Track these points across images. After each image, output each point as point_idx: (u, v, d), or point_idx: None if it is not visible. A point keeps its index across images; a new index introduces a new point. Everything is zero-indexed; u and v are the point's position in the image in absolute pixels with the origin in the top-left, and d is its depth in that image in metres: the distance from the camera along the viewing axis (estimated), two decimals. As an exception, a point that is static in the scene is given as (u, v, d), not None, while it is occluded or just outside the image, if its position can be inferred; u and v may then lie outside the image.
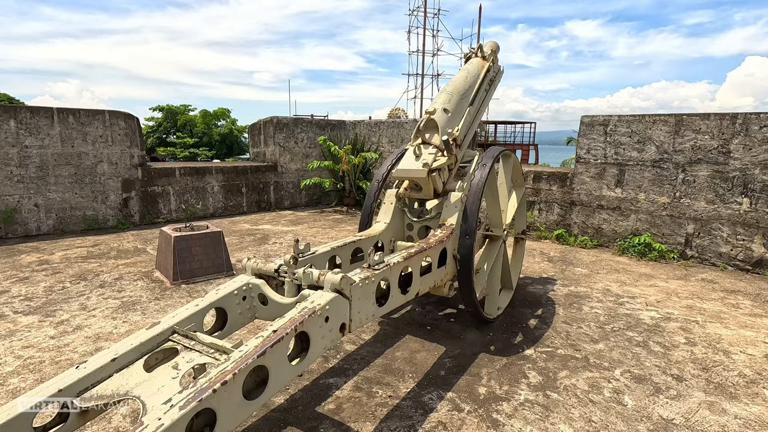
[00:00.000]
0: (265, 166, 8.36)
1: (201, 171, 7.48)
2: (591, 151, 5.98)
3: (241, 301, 2.11)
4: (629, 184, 5.70)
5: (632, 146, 5.62)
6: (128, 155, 6.70)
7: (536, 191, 6.62)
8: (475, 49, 4.14)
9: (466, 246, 2.87)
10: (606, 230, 5.98)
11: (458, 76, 3.75)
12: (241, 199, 8.05)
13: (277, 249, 5.60)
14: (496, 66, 4.27)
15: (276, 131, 8.44)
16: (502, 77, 4.39)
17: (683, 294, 4.23)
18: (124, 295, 3.89)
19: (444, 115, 3.28)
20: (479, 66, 3.93)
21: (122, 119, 6.59)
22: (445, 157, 3.08)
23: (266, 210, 8.41)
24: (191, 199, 7.42)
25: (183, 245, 4.22)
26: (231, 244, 5.77)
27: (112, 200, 6.62)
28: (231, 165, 7.85)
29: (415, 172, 3.04)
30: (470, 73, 3.80)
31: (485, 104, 3.97)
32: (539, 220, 6.62)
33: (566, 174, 6.29)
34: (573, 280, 4.61)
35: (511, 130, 46.40)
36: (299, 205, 8.94)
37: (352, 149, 8.79)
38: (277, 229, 6.86)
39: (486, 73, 3.98)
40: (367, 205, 3.41)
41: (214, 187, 7.66)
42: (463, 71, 3.81)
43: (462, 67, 3.99)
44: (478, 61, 3.99)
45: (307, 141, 8.88)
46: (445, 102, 3.39)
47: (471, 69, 3.84)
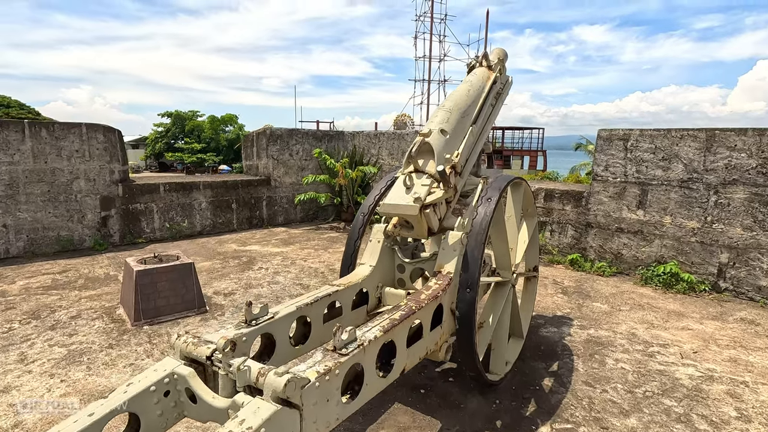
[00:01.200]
0: (257, 180, 7.88)
1: (187, 186, 7.01)
2: (609, 169, 5.40)
3: (162, 399, 1.57)
4: (653, 205, 5.12)
5: (656, 164, 5.04)
6: (107, 171, 6.25)
7: (548, 211, 6.05)
8: (480, 57, 3.61)
9: (467, 301, 2.32)
10: (626, 256, 5.38)
11: (459, 89, 3.21)
12: (230, 216, 7.57)
13: (260, 277, 5.08)
14: (504, 76, 3.73)
15: (269, 143, 7.96)
16: (510, 88, 3.86)
17: (723, 341, 3.63)
18: (75, 340, 3.39)
19: (441, 138, 2.74)
20: (484, 77, 3.40)
21: (101, 132, 6.15)
22: (441, 190, 2.54)
23: (258, 227, 7.92)
24: (177, 216, 6.95)
25: (147, 280, 3.72)
26: (212, 270, 5.27)
27: (90, 219, 6.16)
28: (220, 180, 7.37)
29: (404, 208, 2.51)
30: (473, 85, 3.26)
31: (491, 121, 3.44)
32: (551, 242, 6.04)
33: (581, 193, 5.72)
34: (592, 319, 4.03)
35: (519, 135, 45.74)
36: (294, 221, 8.44)
37: (350, 162, 8.28)
38: (266, 250, 6.35)
39: (492, 85, 3.45)
40: (350, 244, 2.88)
41: (202, 203, 7.19)
42: (465, 84, 3.28)
43: (464, 78, 3.46)
44: (483, 72, 3.45)
45: (303, 153, 8.40)
46: (443, 121, 2.85)
47: (474, 81, 3.31)
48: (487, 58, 3.57)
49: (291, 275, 5.16)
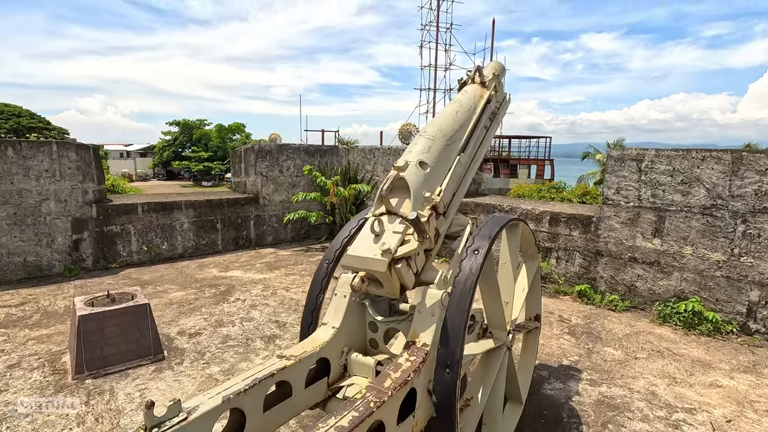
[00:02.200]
0: (244, 198, 7.45)
1: (168, 206, 6.60)
2: (621, 192, 4.89)
3: None
4: (671, 234, 4.58)
5: (674, 188, 4.52)
6: (80, 191, 5.85)
7: (553, 236, 5.52)
8: (472, 72, 3.15)
9: (447, 384, 1.83)
10: (641, 289, 4.84)
11: (445, 111, 2.74)
12: (215, 236, 7.14)
13: (234, 312, 4.61)
14: (501, 93, 3.26)
15: (258, 159, 7.55)
16: (508, 106, 3.39)
17: (761, 403, 3.08)
18: (1, 400, 2.93)
19: (419, 173, 2.26)
20: (476, 96, 2.93)
21: (73, 151, 5.77)
22: (417, 242, 2.06)
23: (245, 247, 7.48)
24: (156, 238, 6.53)
25: (92, 326, 3.27)
26: (183, 302, 4.82)
27: (60, 243, 5.76)
28: (204, 199, 6.95)
29: (370, 263, 2.03)
30: (462, 106, 2.79)
31: (485, 146, 2.96)
32: (557, 270, 5.51)
33: (590, 217, 5.19)
34: (604, 371, 3.50)
35: (526, 144, 45.22)
36: (283, 241, 7.98)
37: (343, 179, 7.84)
38: (247, 277, 5.89)
39: (486, 104, 2.98)
40: (312, 299, 2.39)
41: (184, 224, 6.77)
42: (452, 104, 2.81)
43: (454, 97, 2.99)
44: (475, 89, 2.98)
45: (294, 169, 7.97)
46: (423, 151, 2.38)
47: (464, 101, 2.84)
48: (480, 73, 3.10)
49: (269, 309, 4.69)
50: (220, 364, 3.48)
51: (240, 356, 3.62)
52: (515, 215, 5.75)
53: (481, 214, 6.26)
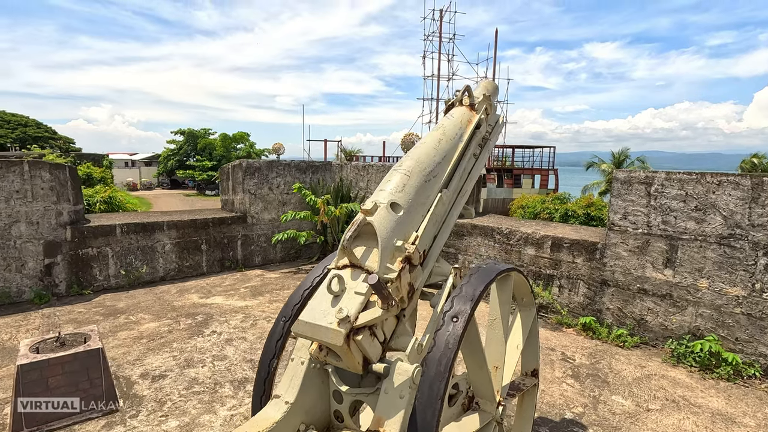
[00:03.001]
0: (231, 217, 7.12)
1: (149, 227, 6.27)
2: (629, 217, 4.50)
3: None
4: (684, 265, 4.18)
5: (688, 214, 4.13)
6: (54, 212, 5.54)
7: (555, 263, 5.13)
8: (460, 93, 2.81)
9: (415, 492, 1.46)
10: (652, 324, 4.43)
11: (426, 140, 2.39)
12: (200, 258, 6.80)
13: (208, 348, 4.25)
14: (493, 116, 2.92)
15: (246, 177, 7.23)
16: (501, 130, 3.04)
17: (795, 474, 2.66)
18: None
19: (390, 217, 1.90)
20: (463, 121, 2.59)
21: (46, 170, 5.47)
22: (381, 311, 1.69)
23: (231, 269, 7.13)
24: (136, 261, 6.20)
25: (35, 376, 2.91)
26: (155, 335, 4.46)
27: (31, 268, 5.43)
28: (188, 218, 6.63)
29: (323, 333, 1.66)
30: (447, 133, 2.44)
31: (473, 178, 2.60)
32: (560, 300, 5.11)
33: (595, 244, 4.80)
34: (612, 427, 3.09)
35: (530, 154, 44.91)
36: (273, 262, 7.63)
37: (335, 196, 7.50)
38: (228, 304, 5.53)
39: (475, 130, 2.63)
40: (264, 366, 2.03)
41: (166, 245, 6.43)
42: (436, 131, 2.46)
43: (438, 123, 2.65)
44: (463, 113, 2.64)
45: (284, 186, 7.64)
46: (397, 189, 2.02)
47: (449, 127, 2.49)
48: (470, 94, 2.76)
49: (245, 345, 4.32)
50: (180, 417, 3.10)
51: (204, 406, 3.25)
52: (514, 238, 5.37)
53: (478, 237, 5.89)
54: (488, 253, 5.80)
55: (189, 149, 67.28)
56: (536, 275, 5.33)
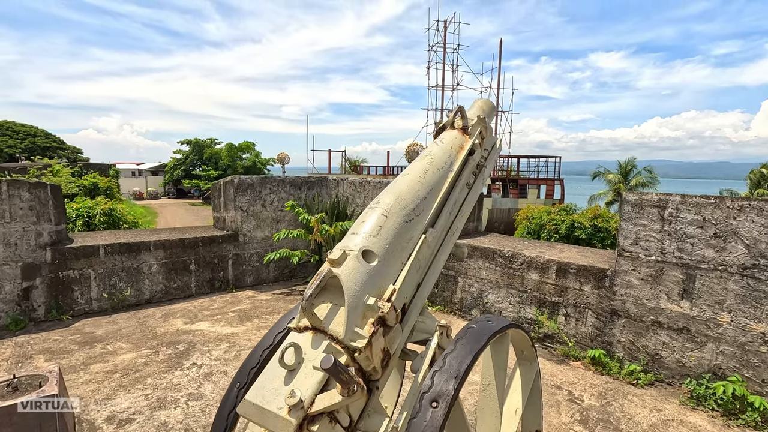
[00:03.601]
0: (222, 236, 6.85)
1: (135, 247, 6.01)
2: (640, 243, 4.16)
3: None
4: (703, 296, 3.82)
5: (706, 242, 3.78)
6: (33, 233, 5.30)
7: (561, 290, 4.79)
8: (451, 115, 2.52)
9: None
10: (667, 360, 4.06)
11: (411, 170, 2.09)
12: (188, 279, 6.51)
13: (185, 384, 3.93)
14: (490, 139, 2.62)
15: (238, 193, 6.97)
16: (498, 155, 2.74)
17: None
18: None
19: (360, 269, 1.59)
20: (454, 146, 2.29)
21: (26, 189, 5.24)
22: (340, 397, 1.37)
23: (221, 290, 6.83)
24: (120, 282, 5.92)
25: (-23, 429, 2.62)
26: (130, 368, 4.16)
27: (8, 292, 5.17)
28: (176, 238, 6.36)
29: (272, 420, 1.35)
30: (435, 162, 2.15)
31: (465, 210, 2.30)
32: (566, 330, 4.75)
33: (604, 271, 4.46)
34: (627, 490, 2.72)
35: (535, 163, 44.62)
36: (265, 282, 7.33)
37: (331, 213, 7.22)
38: (214, 331, 5.22)
39: (468, 156, 2.34)
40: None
41: (152, 266, 6.16)
42: (421, 160, 2.17)
43: (425, 149, 2.35)
44: (454, 138, 2.35)
45: (278, 203, 7.37)
46: (372, 233, 1.71)
47: (437, 155, 2.19)
48: (463, 115, 2.46)
49: (224, 381, 4.00)
50: (142, 473, 2.79)
51: (170, 459, 2.93)
52: (516, 262, 5.03)
53: (479, 260, 5.56)
54: (489, 277, 5.46)
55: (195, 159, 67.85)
56: (540, 302, 4.98)
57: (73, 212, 10.97)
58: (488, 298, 5.49)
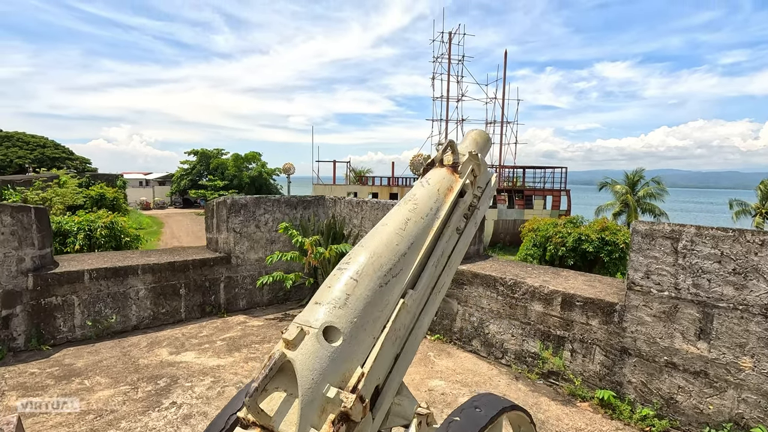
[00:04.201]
0: (213, 258, 6.62)
1: (122, 272, 5.79)
2: (652, 277, 3.86)
3: None
4: (722, 338, 3.51)
5: (724, 278, 3.47)
6: (15, 259, 5.10)
7: (567, 323, 4.48)
8: (441, 150, 2.27)
9: None
10: (684, 405, 3.72)
11: (391, 219, 1.84)
12: (177, 304, 6.27)
13: (160, 429, 3.66)
14: (484, 175, 2.37)
15: (230, 214, 6.76)
16: (493, 193, 2.48)
17: None
18: None
19: (320, 353, 1.33)
20: (442, 189, 2.04)
21: (7, 214, 5.05)
22: None
23: (212, 314, 6.58)
24: (106, 309, 5.70)
25: None
26: (105, 408, 3.90)
27: (-14, 320, 4.97)
28: (166, 261, 6.14)
29: None
30: (419, 209, 1.89)
31: (455, 259, 2.03)
32: (572, 367, 4.44)
33: (612, 305, 4.15)
34: None
35: (541, 174, 44.30)
36: (259, 305, 7.08)
37: (327, 234, 6.98)
38: (199, 363, 4.96)
39: (458, 198, 2.09)
40: None
41: (140, 291, 5.93)
42: (403, 207, 1.91)
43: (409, 192, 2.09)
44: (442, 179, 2.09)
45: (273, 224, 7.15)
46: (337, 303, 1.45)
47: (422, 200, 1.94)
48: (454, 151, 2.21)
49: (203, 424, 3.73)
50: None
51: None
52: (519, 291, 4.74)
53: (479, 288, 5.26)
54: (490, 306, 5.16)
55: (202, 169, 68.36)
56: (544, 335, 4.67)
57: (75, 225, 10.84)
58: (489, 329, 5.19)
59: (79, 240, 10.67)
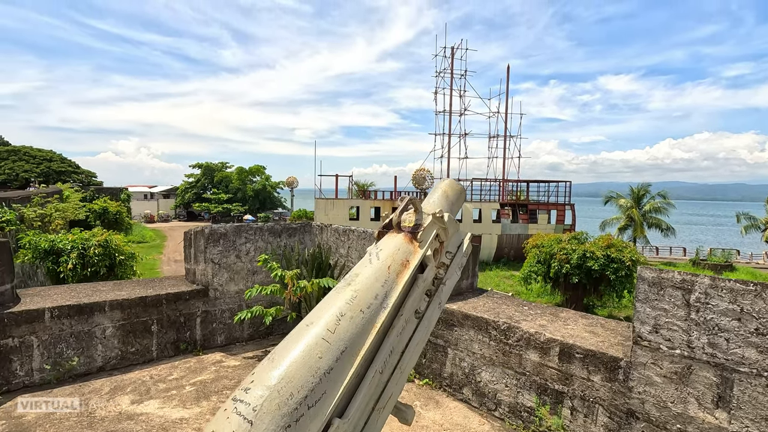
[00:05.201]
0: (189, 292, 6.22)
1: (87, 309, 5.39)
2: (661, 332, 3.40)
3: None
4: (744, 407, 3.03)
5: (745, 339, 3.01)
6: (-33, 299, 4.73)
7: (565, 377, 4.01)
8: (396, 210, 1.85)
9: None
10: (701, 483, 3.23)
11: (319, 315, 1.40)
12: (149, 341, 5.86)
13: (99, 506, 3.22)
14: (455, 237, 1.95)
15: (208, 244, 6.38)
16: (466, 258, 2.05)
17: None
18: None
19: None
20: (395, 262, 1.60)
21: (-41, 250, 4.70)
22: None
23: (187, 352, 6.15)
24: (68, 350, 5.29)
25: None
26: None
27: (-67, 367, 4.58)
28: (136, 296, 5.74)
29: None
30: (359, 298, 1.45)
31: (406, 366, 1.60)
32: (572, 428, 3.95)
33: (617, 360, 3.68)
34: None
35: (545, 188, 43.87)
36: (238, 340, 6.65)
37: (312, 265, 6.56)
38: (162, 415, 4.52)
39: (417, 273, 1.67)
40: None
41: (107, 329, 5.53)
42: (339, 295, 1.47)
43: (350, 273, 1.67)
44: (396, 250, 1.66)
45: (255, 253, 6.76)
46: None
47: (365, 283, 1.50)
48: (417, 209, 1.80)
49: (149, 501, 3.28)
50: None
51: None
52: (513, 337, 4.29)
53: (470, 330, 4.80)
54: (482, 352, 4.70)
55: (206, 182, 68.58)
56: (541, 388, 4.19)
57: (68, 244, 10.58)
58: (481, 377, 4.72)
59: (72, 259, 10.41)
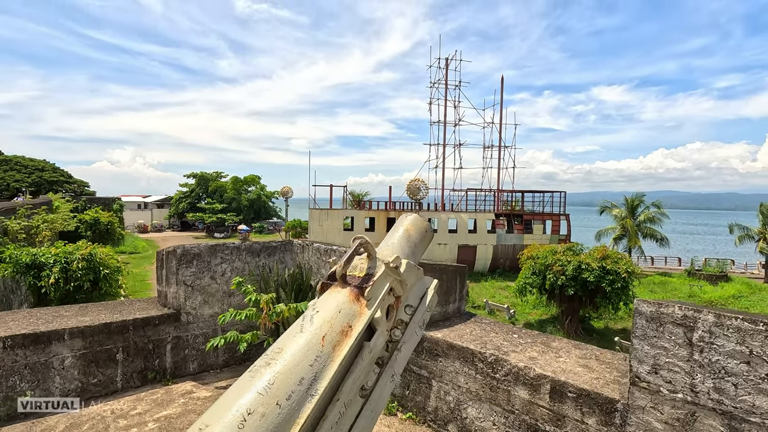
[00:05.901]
0: (159, 316, 5.83)
1: (44, 338, 5.00)
2: (661, 373, 3.07)
3: None
4: (756, 463, 2.69)
5: (755, 385, 2.69)
6: None
7: (558, 418, 3.66)
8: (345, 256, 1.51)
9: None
10: None
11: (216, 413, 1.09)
12: (113, 371, 5.45)
13: None
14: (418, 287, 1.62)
15: (181, 266, 6.01)
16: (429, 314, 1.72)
17: None
18: None
19: None
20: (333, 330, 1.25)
21: None
22: None
23: (156, 381, 5.75)
24: (21, 383, 4.88)
25: None
26: None
27: None
28: (100, 323, 5.35)
29: None
30: (276, 386, 1.10)
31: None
32: (566, 475, 3.59)
33: (613, 402, 3.34)
34: None
35: (540, 198, 43.81)
36: (213, 367, 6.25)
37: (291, 288, 6.20)
38: (116, 459, 4.11)
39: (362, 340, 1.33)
40: None
41: (65, 359, 5.13)
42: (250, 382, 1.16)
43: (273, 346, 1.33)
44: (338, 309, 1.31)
45: (231, 274, 6.39)
46: None
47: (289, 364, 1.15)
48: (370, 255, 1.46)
49: None
50: None
51: None
52: (500, 371, 3.93)
53: (456, 362, 4.45)
54: (468, 386, 4.35)
55: (200, 192, 68.03)
56: (532, 429, 3.83)
57: (51, 257, 10.22)
58: (467, 413, 4.35)
59: (55, 273, 10.06)
